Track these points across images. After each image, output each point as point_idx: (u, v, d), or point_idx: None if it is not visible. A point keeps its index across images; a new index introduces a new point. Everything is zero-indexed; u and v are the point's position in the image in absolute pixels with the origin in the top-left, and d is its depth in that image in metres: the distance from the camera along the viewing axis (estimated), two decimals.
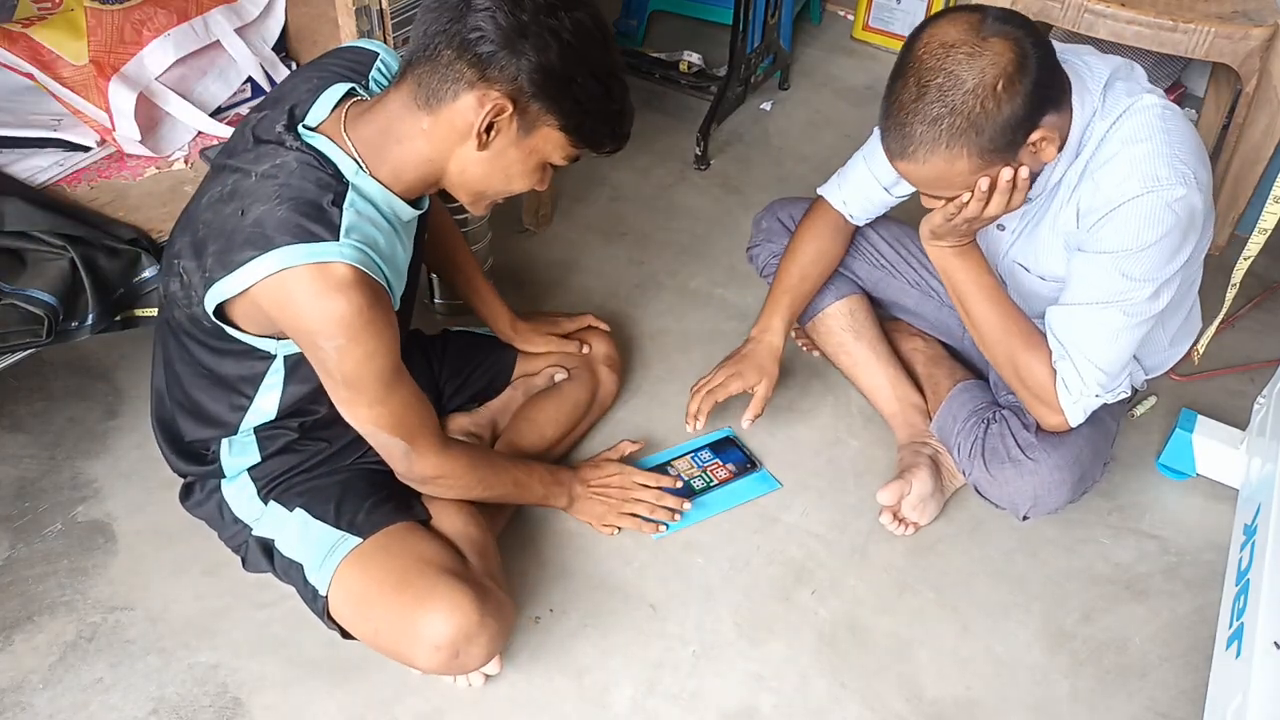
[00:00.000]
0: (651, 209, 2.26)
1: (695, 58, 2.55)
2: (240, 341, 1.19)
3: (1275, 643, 1.23)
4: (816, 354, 1.88)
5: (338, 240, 1.09)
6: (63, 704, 1.34)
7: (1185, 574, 1.57)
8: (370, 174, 1.16)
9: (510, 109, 1.10)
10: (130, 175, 1.57)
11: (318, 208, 1.10)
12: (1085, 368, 1.34)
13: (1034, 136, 1.20)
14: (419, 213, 1.25)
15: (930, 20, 1.20)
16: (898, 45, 2.76)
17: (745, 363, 1.63)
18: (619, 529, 1.56)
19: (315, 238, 1.08)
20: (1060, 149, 1.26)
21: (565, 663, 1.42)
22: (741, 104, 2.57)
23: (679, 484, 1.61)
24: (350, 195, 1.13)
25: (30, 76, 1.56)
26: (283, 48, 1.78)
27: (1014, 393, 1.46)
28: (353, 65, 1.25)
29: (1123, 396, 1.39)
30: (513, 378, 1.68)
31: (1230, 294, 1.71)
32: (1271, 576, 1.32)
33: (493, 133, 1.13)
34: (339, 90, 1.20)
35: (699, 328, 1.96)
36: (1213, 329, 1.77)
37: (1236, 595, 1.43)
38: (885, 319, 1.79)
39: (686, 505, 1.58)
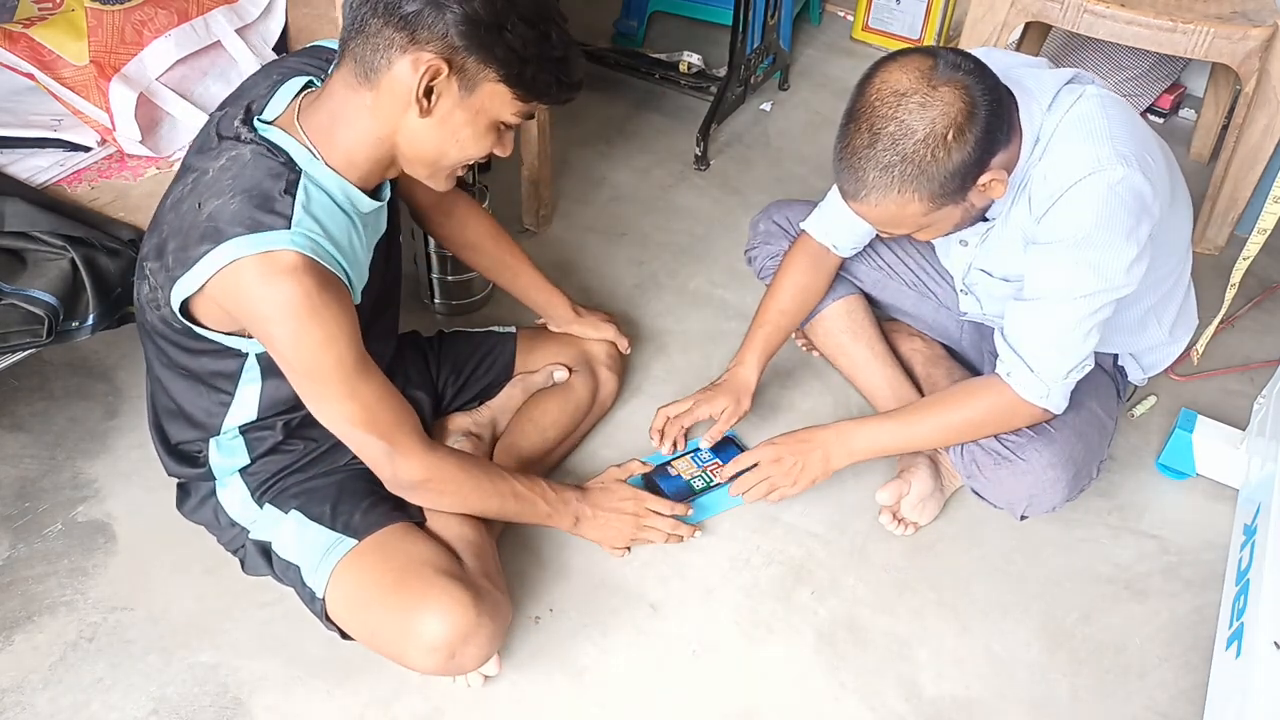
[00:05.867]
0: (651, 209, 2.26)
1: (695, 58, 2.55)
2: (211, 340, 1.19)
3: (1275, 643, 1.23)
4: (816, 354, 1.88)
5: (289, 229, 1.09)
6: (63, 704, 1.34)
7: (1185, 574, 1.57)
8: (324, 162, 1.15)
9: (446, 69, 1.08)
10: (131, 175, 1.57)
11: (269, 198, 1.10)
12: (1042, 363, 1.34)
13: (983, 179, 1.22)
14: (379, 204, 1.24)
15: (882, 63, 1.21)
16: (897, 46, 2.76)
17: (716, 390, 1.64)
18: (628, 550, 1.55)
19: (266, 227, 1.08)
20: (1010, 175, 1.28)
21: (565, 663, 1.42)
22: (741, 105, 2.57)
23: (690, 511, 1.58)
24: (303, 183, 1.13)
25: (31, 77, 1.56)
26: (283, 48, 1.78)
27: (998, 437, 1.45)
28: (313, 61, 1.25)
29: (1089, 369, 1.39)
30: (513, 375, 1.68)
31: (1230, 294, 1.71)
32: (1271, 576, 1.32)
33: (434, 97, 1.10)
34: (296, 84, 1.20)
35: (699, 328, 1.96)
36: (1212, 329, 1.77)
37: (1236, 595, 1.43)
38: (884, 319, 1.79)
39: (697, 533, 1.57)
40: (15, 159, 1.54)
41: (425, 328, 1.68)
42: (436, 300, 1.95)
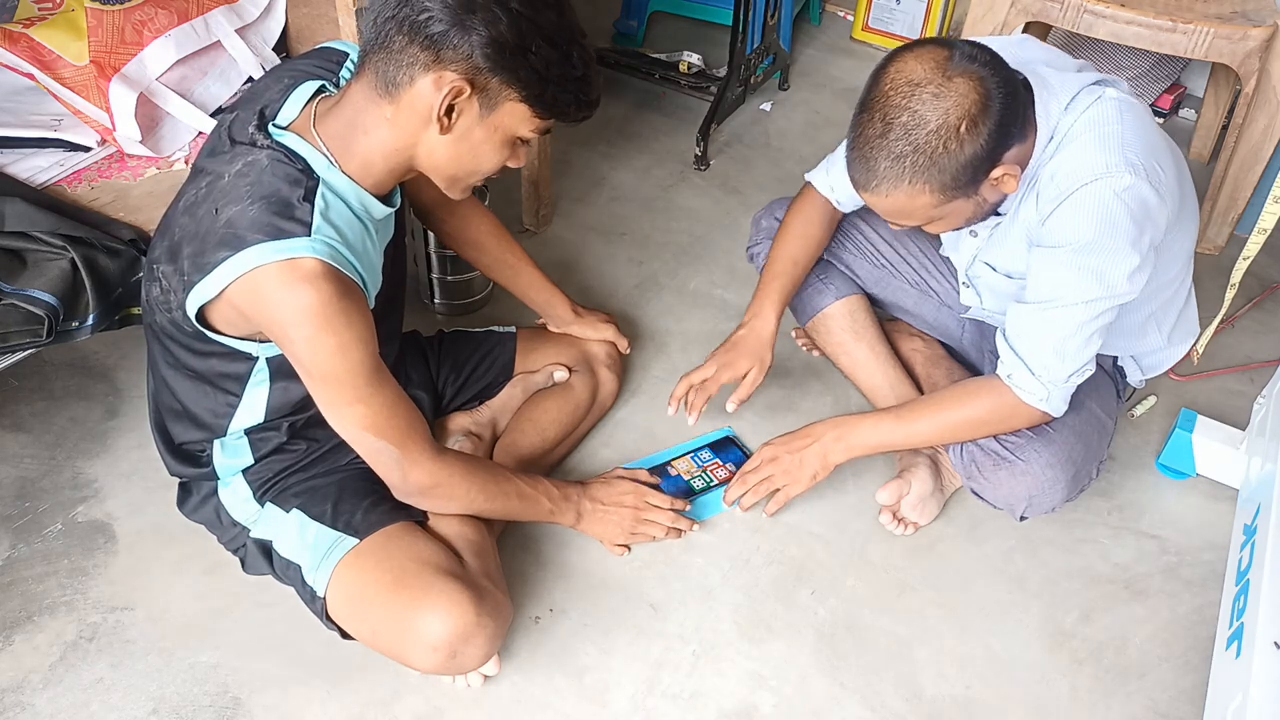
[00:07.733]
0: (651, 209, 2.26)
1: (695, 58, 2.55)
2: (221, 344, 1.20)
3: (1275, 643, 1.23)
4: (816, 354, 1.88)
5: (309, 236, 1.09)
6: (63, 704, 1.34)
7: (1185, 574, 1.57)
8: (340, 169, 1.16)
9: (468, 90, 1.09)
10: (131, 175, 1.57)
11: (288, 204, 1.10)
12: (1042, 365, 1.34)
13: (996, 173, 1.22)
14: (391, 210, 1.24)
15: (897, 53, 1.20)
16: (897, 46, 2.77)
17: (736, 351, 1.60)
18: (629, 548, 1.55)
19: (286, 234, 1.09)
20: (1023, 171, 1.27)
21: (565, 663, 1.42)
22: (741, 105, 2.58)
23: (689, 506, 1.59)
24: (321, 190, 1.13)
25: (31, 77, 1.56)
26: (283, 48, 1.78)
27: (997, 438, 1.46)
28: (324, 64, 1.26)
29: (1090, 373, 1.39)
30: (513, 375, 1.68)
31: (1230, 294, 1.71)
32: (1271, 576, 1.32)
33: (454, 115, 1.11)
34: (309, 88, 1.20)
35: (699, 328, 1.96)
36: (1212, 329, 1.77)
37: (1236, 595, 1.43)
38: (885, 319, 1.79)
39: (696, 527, 1.57)
40: (15, 159, 1.54)
41: (425, 327, 1.68)
42: (437, 300, 1.95)
